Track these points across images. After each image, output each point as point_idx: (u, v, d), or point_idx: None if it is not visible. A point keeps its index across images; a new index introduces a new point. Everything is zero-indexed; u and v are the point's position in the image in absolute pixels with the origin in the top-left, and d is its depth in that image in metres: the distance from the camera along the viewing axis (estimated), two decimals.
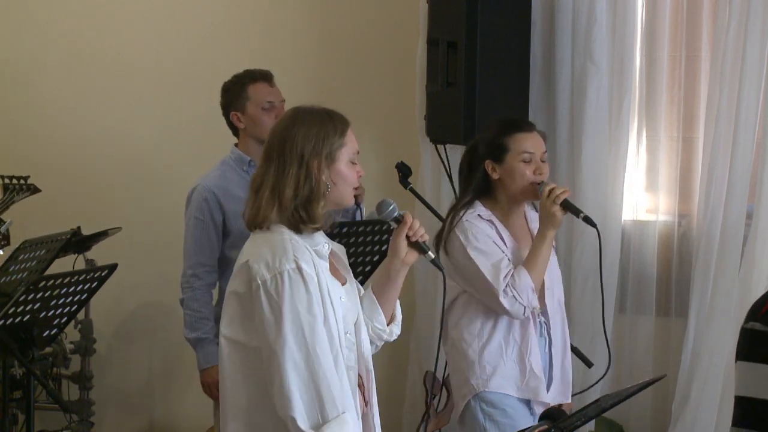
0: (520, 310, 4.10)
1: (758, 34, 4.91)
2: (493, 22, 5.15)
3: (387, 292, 3.36)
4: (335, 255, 3.35)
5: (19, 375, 5.17)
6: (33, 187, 5.45)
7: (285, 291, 3.09)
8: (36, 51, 6.46)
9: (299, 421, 3.05)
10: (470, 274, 4.13)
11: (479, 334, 4.16)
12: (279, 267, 3.10)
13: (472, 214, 4.19)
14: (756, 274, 4.94)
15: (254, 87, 4.70)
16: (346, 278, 3.33)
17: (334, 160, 3.20)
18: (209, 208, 4.64)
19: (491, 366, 4.12)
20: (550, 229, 4.13)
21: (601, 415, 3.81)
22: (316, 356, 3.07)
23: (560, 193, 4.10)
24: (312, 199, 3.17)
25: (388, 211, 3.36)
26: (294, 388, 3.06)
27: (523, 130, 4.21)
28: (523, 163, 4.17)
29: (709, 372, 5.02)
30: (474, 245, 4.13)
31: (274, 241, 3.15)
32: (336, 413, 3.07)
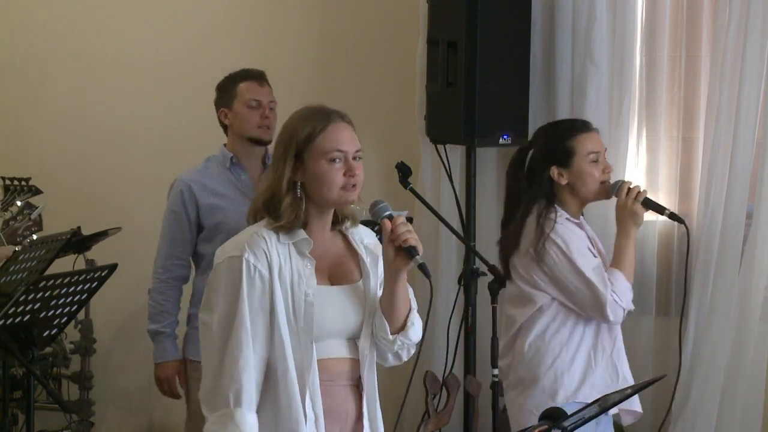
0: (620, 314, 4.06)
1: (758, 34, 4.91)
2: (493, 22, 5.15)
3: (387, 299, 3.29)
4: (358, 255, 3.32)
5: (19, 375, 5.17)
6: (34, 189, 5.45)
7: (222, 277, 3.16)
8: (36, 51, 6.45)
9: (202, 403, 3.15)
10: (571, 282, 4.07)
11: (567, 344, 4.10)
12: (227, 253, 3.19)
13: (562, 218, 4.12)
14: (756, 274, 4.95)
15: (243, 85, 4.75)
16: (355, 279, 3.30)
17: (302, 160, 3.20)
18: (183, 201, 4.69)
19: (580, 376, 4.08)
20: (633, 227, 4.11)
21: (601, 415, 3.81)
22: (231, 345, 3.11)
23: (640, 192, 4.07)
24: (278, 198, 3.20)
25: (375, 210, 3.28)
26: (206, 369, 3.15)
27: (586, 131, 4.17)
28: (593, 164, 4.12)
29: (709, 372, 5.02)
30: (575, 250, 4.07)
31: (243, 232, 3.24)
32: (224, 406, 3.10)
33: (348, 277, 3.30)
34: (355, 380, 3.29)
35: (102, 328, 6.25)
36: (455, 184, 5.42)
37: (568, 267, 4.06)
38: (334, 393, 3.24)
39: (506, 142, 5.24)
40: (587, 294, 4.05)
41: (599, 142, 4.19)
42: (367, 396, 3.30)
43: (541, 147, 4.21)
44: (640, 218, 4.10)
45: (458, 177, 5.45)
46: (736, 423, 5.01)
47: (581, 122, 4.30)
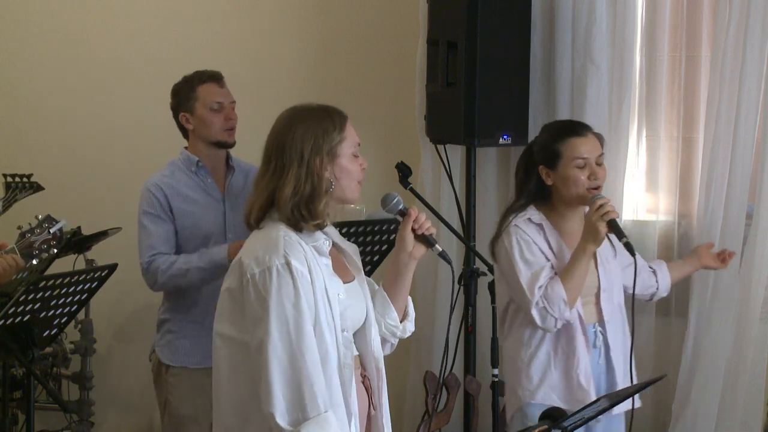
0: (551, 323, 4.05)
1: (758, 34, 4.91)
2: (493, 22, 5.15)
3: (397, 287, 3.35)
4: (344, 252, 3.35)
5: (19, 375, 5.17)
6: (36, 185, 5.44)
7: (272, 286, 3.09)
8: (37, 51, 6.46)
9: (278, 417, 3.05)
10: (511, 282, 4.11)
11: (527, 344, 4.13)
12: (268, 262, 3.11)
13: (522, 218, 4.13)
14: (756, 274, 4.94)
15: (203, 87, 4.66)
16: (354, 276, 3.33)
17: (336, 155, 3.20)
18: (159, 204, 4.61)
19: (538, 377, 4.09)
20: (591, 243, 4.06)
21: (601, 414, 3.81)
22: (300, 353, 3.07)
23: (609, 211, 4.04)
24: (314, 197, 3.17)
25: (392, 204, 3.35)
26: (276, 384, 3.06)
27: (577, 135, 4.15)
28: (577, 169, 4.10)
29: (709, 372, 5.01)
30: (518, 252, 4.09)
31: (267, 238, 3.16)
32: (317, 412, 3.06)
33: (348, 273, 3.33)
34: (362, 375, 3.31)
35: (102, 328, 6.25)
36: (455, 184, 5.42)
37: (510, 268, 4.10)
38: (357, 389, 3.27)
39: (506, 142, 5.24)
40: (519, 295, 4.09)
41: (592, 148, 4.15)
42: (383, 387, 3.34)
43: (536, 145, 4.23)
44: (601, 236, 4.05)
45: (458, 177, 5.45)
46: (736, 423, 5.00)
47: (577, 126, 4.27)
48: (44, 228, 4.16)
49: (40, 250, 4.14)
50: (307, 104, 3.27)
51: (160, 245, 4.57)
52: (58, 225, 4.22)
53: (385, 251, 4.66)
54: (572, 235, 4.17)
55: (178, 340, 4.64)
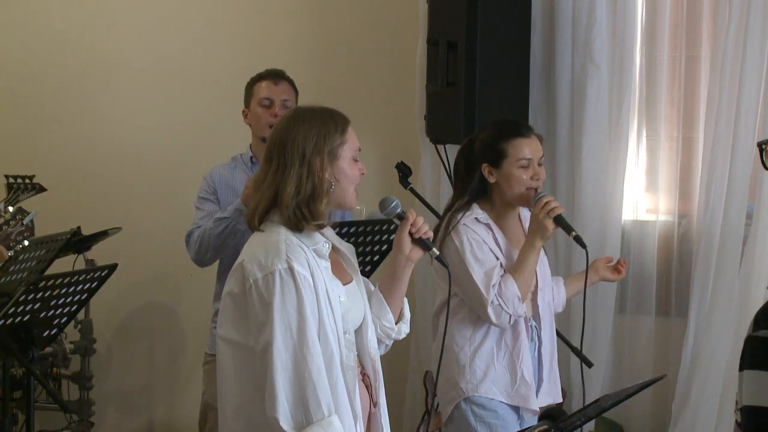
0: (506, 320, 4.08)
1: (758, 34, 4.91)
2: (493, 22, 5.15)
3: (393, 290, 3.37)
4: (341, 254, 3.35)
5: (19, 375, 5.17)
6: (38, 186, 5.43)
7: (275, 290, 3.09)
8: (38, 51, 6.46)
9: (282, 421, 3.05)
10: (462, 281, 4.11)
11: (471, 338, 4.14)
12: (271, 266, 3.11)
13: (470, 218, 4.15)
14: (756, 274, 4.94)
15: (259, 85, 4.76)
16: (352, 277, 3.34)
17: (336, 157, 3.20)
18: (207, 189, 4.70)
19: (482, 371, 4.10)
20: (538, 239, 4.10)
21: (601, 415, 3.81)
22: (303, 357, 3.07)
23: (555, 207, 4.08)
24: (315, 197, 3.17)
25: (390, 207, 3.37)
26: (280, 388, 3.06)
27: (522, 135, 4.18)
28: (521, 169, 4.13)
29: (709, 372, 5.02)
30: (469, 251, 4.09)
31: (269, 242, 3.16)
32: (321, 416, 3.06)
33: (346, 275, 3.33)
34: (362, 375, 3.31)
35: (102, 328, 6.25)
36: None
37: (460, 266, 4.09)
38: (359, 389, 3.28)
39: None
40: (473, 294, 4.10)
41: (535, 149, 4.18)
42: (381, 387, 3.34)
43: (479, 142, 4.22)
44: (548, 232, 4.09)
45: None
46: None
47: (523, 126, 4.29)
48: (18, 220, 4.23)
49: (15, 241, 4.21)
50: (311, 106, 3.28)
51: (202, 222, 4.64)
52: (30, 216, 4.28)
53: (385, 251, 4.66)
54: (512, 233, 4.21)
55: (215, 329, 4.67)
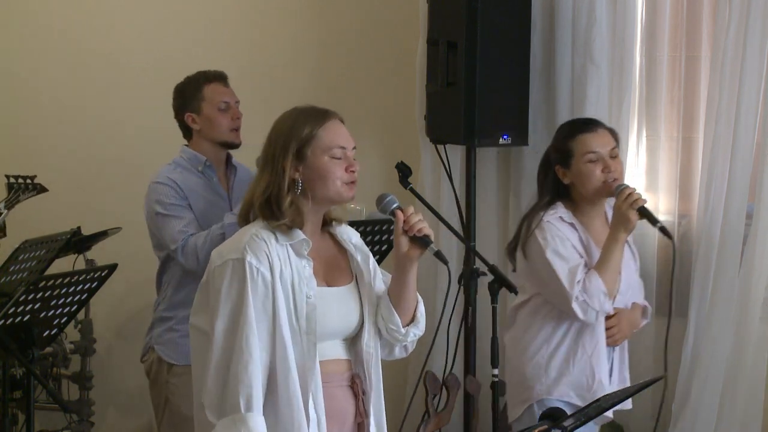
0: (592, 316, 4.08)
1: (758, 34, 4.91)
2: (493, 22, 5.15)
3: (398, 289, 3.32)
4: (348, 255, 3.33)
5: (19, 375, 5.17)
6: (39, 187, 5.44)
7: (224, 280, 3.13)
8: (38, 51, 6.46)
9: (206, 408, 3.10)
10: (546, 278, 4.11)
11: (549, 340, 4.14)
12: (226, 256, 3.16)
13: (554, 216, 4.15)
14: (756, 274, 4.94)
15: (209, 88, 4.66)
16: (351, 280, 3.31)
17: (304, 157, 3.20)
18: (177, 194, 4.56)
19: (557, 373, 4.10)
20: (622, 231, 4.10)
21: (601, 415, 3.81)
22: (233, 349, 3.09)
23: (638, 198, 4.08)
24: (279, 197, 3.18)
25: (384, 203, 3.32)
26: (210, 376, 3.11)
27: (587, 131, 4.19)
28: (591, 164, 4.14)
29: (709, 372, 5.01)
30: (553, 248, 4.10)
31: (239, 235, 3.22)
32: (237, 411, 3.07)
33: (342, 278, 3.32)
34: (350, 380, 3.30)
35: (102, 328, 6.25)
36: (455, 184, 5.42)
37: (544, 264, 4.11)
38: (333, 394, 3.25)
39: (506, 142, 5.24)
40: (558, 292, 4.10)
41: (603, 142, 4.19)
42: (374, 395, 3.32)
43: (551, 147, 4.28)
44: (632, 224, 4.10)
45: (458, 177, 5.45)
46: (736, 423, 5.00)
47: (585, 122, 4.31)
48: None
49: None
50: (296, 107, 3.29)
51: (190, 228, 4.52)
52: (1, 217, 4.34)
53: (385, 251, 4.66)
54: (597, 233, 4.21)
55: (182, 339, 4.60)
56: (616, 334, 4.18)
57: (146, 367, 4.73)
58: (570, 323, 4.14)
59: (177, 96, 4.73)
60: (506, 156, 5.53)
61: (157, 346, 4.66)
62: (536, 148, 5.38)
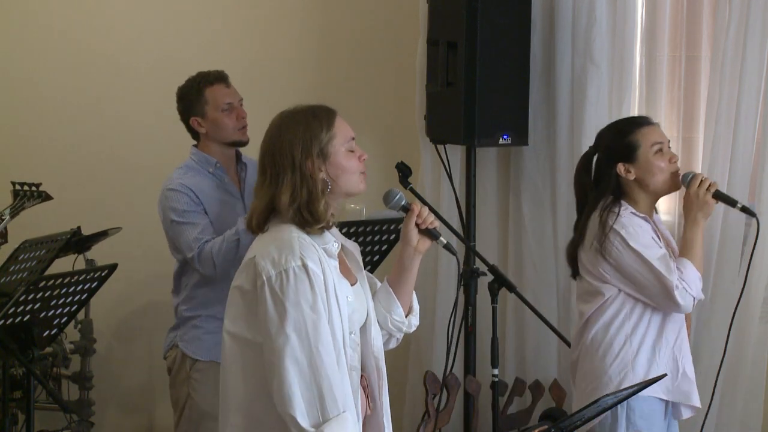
0: (690, 303, 4.06)
1: (758, 34, 4.91)
2: (493, 22, 5.15)
3: (402, 282, 3.37)
4: (348, 253, 3.35)
5: (19, 375, 5.17)
6: (45, 194, 5.45)
7: (289, 288, 3.08)
8: (38, 51, 6.47)
9: (299, 418, 3.04)
10: (637, 271, 4.06)
11: (630, 337, 4.09)
12: (285, 264, 3.10)
13: (627, 211, 4.12)
14: (756, 274, 4.94)
15: (211, 90, 4.65)
16: (356, 277, 3.33)
17: (328, 155, 3.20)
18: (191, 200, 4.56)
19: (644, 369, 4.06)
20: (702, 218, 4.13)
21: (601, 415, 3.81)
22: (318, 354, 3.07)
23: (712, 183, 4.11)
24: (312, 200, 3.17)
25: (395, 200, 3.36)
26: (295, 385, 3.05)
27: (647, 124, 4.19)
28: (658, 154, 4.13)
29: (709, 372, 5.01)
30: (639, 241, 4.06)
31: (281, 239, 3.15)
32: (337, 412, 3.06)
33: (353, 275, 3.33)
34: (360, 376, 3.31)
35: (102, 328, 6.25)
36: (455, 184, 5.42)
37: (633, 257, 4.05)
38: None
39: (506, 142, 5.24)
40: (654, 283, 4.04)
41: (662, 134, 4.19)
42: (384, 386, 3.34)
43: (604, 148, 4.20)
44: (711, 208, 4.13)
45: (458, 177, 5.45)
46: (736, 423, 5.00)
47: (641, 117, 4.31)
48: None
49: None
50: (294, 108, 3.27)
51: (205, 235, 4.51)
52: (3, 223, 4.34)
53: (386, 251, 4.67)
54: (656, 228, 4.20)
55: (206, 335, 4.62)
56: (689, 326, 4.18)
57: (169, 363, 4.77)
58: (650, 317, 4.10)
59: (179, 100, 4.74)
60: (506, 156, 5.53)
61: (182, 343, 4.69)
62: (536, 149, 5.39)
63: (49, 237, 5.20)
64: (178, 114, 4.74)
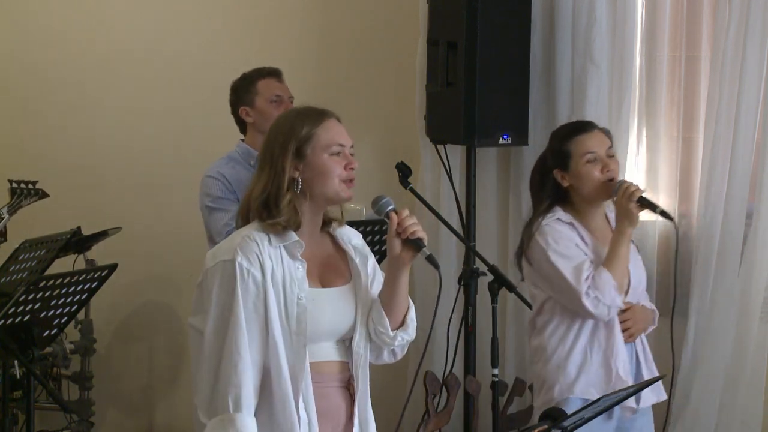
0: (604, 311, 4.10)
1: (758, 34, 4.91)
2: (493, 22, 5.15)
3: (390, 292, 3.30)
4: (346, 255, 3.33)
5: (19, 375, 5.17)
6: (41, 192, 5.46)
7: (215, 281, 3.15)
8: (36, 51, 6.46)
9: (199, 408, 3.13)
10: (553, 279, 4.14)
11: (563, 340, 4.16)
12: (219, 257, 3.18)
13: (552, 218, 4.19)
14: (756, 274, 4.94)
15: (263, 82, 4.79)
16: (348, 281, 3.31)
17: (303, 155, 3.20)
18: (226, 188, 4.66)
19: (576, 371, 4.11)
20: (627, 226, 4.14)
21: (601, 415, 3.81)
22: (227, 349, 3.10)
23: (635, 190, 4.10)
24: (277, 196, 3.18)
25: (379, 205, 3.30)
26: (202, 375, 3.13)
27: (582, 131, 4.22)
28: (589, 164, 4.17)
29: (709, 372, 5.01)
30: (554, 249, 4.13)
31: (233, 236, 3.23)
32: (224, 411, 3.08)
33: (339, 278, 3.30)
34: (345, 382, 3.30)
35: (102, 328, 6.25)
36: (455, 184, 5.42)
37: (548, 264, 4.13)
38: (326, 395, 3.24)
39: (506, 142, 5.24)
40: (566, 290, 4.12)
41: (599, 142, 4.21)
42: (359, 396, 3.30)
43: (546, 151, 4.30)
44: (635, 216, 4.14)
45: (458, 177, 5.45)
46: (736, 423, 5.00)
47: (580, 124, 4.34)
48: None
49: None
50: (294, 107, 3.31)
51: (234, 222, 4.54)
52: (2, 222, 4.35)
53: (385, 251, 4.65)
54: (600, 232, 4.23)
55: None
56: (631, 327, 4.20)
57: None
58: (583, 321, 4.17)
59: (232, 92, 4.85)
60: (506, 156, 5.53)
61: None
62: (536, 148, 5.39)
63: (49, 237, 5.20)
64: (230, 106, 4.83)
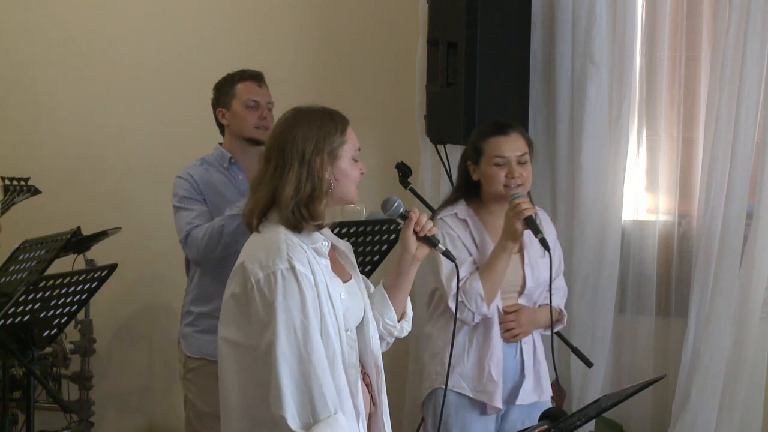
0: (468, 316, 4.18)
1: (758, 34, 4.91)
2: (493, 22, 5.15)
3: (398, 288, 3.41)
4: (340, 252, 3.37)
5: (19, 375, 5.17)
6: (33, 189, 5.47)
7: (278, 290, 3.10)
8: (36, 52, 6.46)
9: (289, 420, 3.06)
10: (435, 273, 4.22)
11: (445, 330, 4.21)
12: (272, 266, 3.12)
13: (449, 213, 4.24)
14: (756, 274, 4.94)
15: (242, 85, 4.73)
16: (351, 275, 3.35)
17: (336, 157, 3.22)
18: (192, 188, 4.63)
19: (452, 363, 4.13)
20: (509, 241, 4.17)
21: (601, 415, 3.81)
22: (308, 356, 3.08)
23: (525, 209, 4.11)
24: (315, 197, 3.18)
25: (393, 208, 3.40)
26: (285, 387, 3.07)
27: (500, 134, 4.24)
28: (496, 167, 4.22)
29: (709, 372, 5.01)
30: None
31: (269, 242, 3.17)
32: (327, 414, 3.07)
33: (345, 273, 3.35)
34: (362, 372, 3.32)
35: (102, 328, 6.25)
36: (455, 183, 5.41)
37: (433, 258, 4.15)
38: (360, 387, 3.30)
39: None
40: (440, 286, 4.21)
41: (513, 147, 4.23)
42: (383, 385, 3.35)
43: (468, 143, 4.35)
44: (518, 234, 4.16)
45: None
46: (736, 423, 5.00)
47: (499, 125, 4.34)
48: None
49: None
50: (310, 106, 3.29)
51: (197, 221, 4.58)
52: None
53: (385, 251, 4.66)
54: (499, 230, 4.25)
55: (198, 333, 4.68)
56: (514, 329, 4.23)
57: (179, 358, 4.83)
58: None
59: (214, 92, 4.82)
60: None
61: (182, 339, 4.76)
62: (536, 148, 5.38)
63: (49, 237, 5.20)
64: (211, 106, 4.81)
